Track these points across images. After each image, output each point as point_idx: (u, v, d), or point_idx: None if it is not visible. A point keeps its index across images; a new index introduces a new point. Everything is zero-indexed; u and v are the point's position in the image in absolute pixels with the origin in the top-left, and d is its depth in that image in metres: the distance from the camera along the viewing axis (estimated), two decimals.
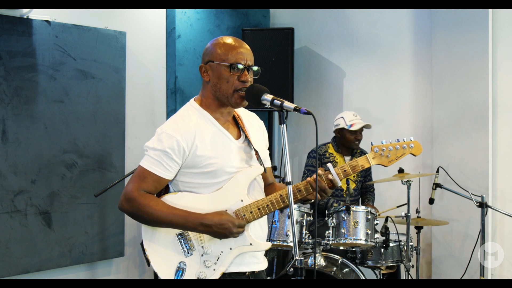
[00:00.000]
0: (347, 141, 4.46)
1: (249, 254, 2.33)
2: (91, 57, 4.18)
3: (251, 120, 2.48)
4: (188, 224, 2.24)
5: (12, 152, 3.82)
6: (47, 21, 3.96)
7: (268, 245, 2.35)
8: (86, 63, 4.16)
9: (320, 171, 2.30)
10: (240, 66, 2.27)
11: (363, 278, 3.85)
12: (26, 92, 3.87)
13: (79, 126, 4.14)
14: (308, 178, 2.31)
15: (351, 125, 4.42)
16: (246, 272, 2.34)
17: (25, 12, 3.85)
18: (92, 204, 4.20)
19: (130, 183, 2.28)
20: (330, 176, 2.31)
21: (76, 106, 4.12)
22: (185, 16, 4.90)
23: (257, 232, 2.35)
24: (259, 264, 2.39)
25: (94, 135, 4.22)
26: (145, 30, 4.65)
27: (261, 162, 2.39)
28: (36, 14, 3.90)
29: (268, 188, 2.50)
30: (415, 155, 2.42)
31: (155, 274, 2.31)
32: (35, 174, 3.93)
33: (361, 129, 4.46)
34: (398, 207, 4.50)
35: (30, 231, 3.90)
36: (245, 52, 2.32)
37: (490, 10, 4.43)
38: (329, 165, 2.32)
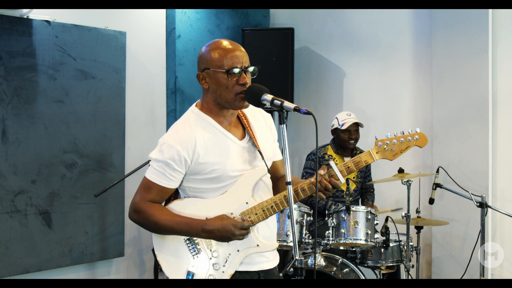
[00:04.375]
0: (341, 141, 4.46)
1: (258, 254, 2.35)
2: (91, 57, 4.18)
3: (256, 116, 2.46)
4: (191, 230, 2.28)
5: (12, 152, 3.82)
6: (47, 21, 3.96)
7: (275, 245, 2.37)
8: (86, 63, 4.16)
9: (322, 171, 2.29)
10: (237, 70, 2.24)
11: (363, 278, 3.85)
12: (26, 92, 3.87)
13: (79, 126, 4.14)
14: (311, 179, 2.30)
15: (342, 124, 4.43)
16: (255, 271, 2.36)
17: (25, 12, 3.85)
18: (92, 204, 4.20)
19: (136, 194, 2.32)
20: (332, 173, 2.30)
21: (76, 106, 4.12)
22: (185, 16, 4.90)
23: (265, 233, 2.37)
24: (269, 262, 2.41)
25: (94, 135, 4.22)
26: (145, 30, 4.65)
27: (266, 163, 2.38)
28: (36, 14, 3.90)
29: (280, 181, 2.49)
30: (420, 147, 2.35)
31: (155, 274, 2.33)
32: (35, 174, 3.93)
33: (354, 128, 4.45)
34: (392, 211, 4.48)
35: (30, 231, 3.90)
36: (240, 55, 2.27)
37: (490, 10, 4.43)
38: (332, 162, 2.31)
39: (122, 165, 4.36)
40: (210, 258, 2.31)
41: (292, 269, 2.16)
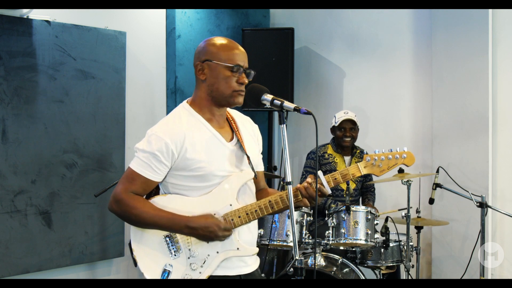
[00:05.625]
0: (338, 139, 4.47)
1: (237, 258, 2.32)
2: (91, 57, 4.18)
3: (245, 124, 2.47)
4: (174, 226, 2.25)
5: (12, 152, 3.82)
6: (47, 21, 3.96)
7: (255, 250, 2.35)
8: (86, 63, 4.16)
9: (310, 179, 2.29)
10: (240, 69, 2.27)
11: (363, 278, 3.85)
12: (26, 92, 3.87)
13: (79, 126, 4.14)
14: (298, 185, 2.31)
15: (337, 122, 4.44)
16: (234, 275, 2.32)
17: (25, 12, 3.85)
18: (92, 204, 4.20)
19: (119, 185, 2.29)
20: (319, 185, 2.30)
21: (76, 106, 4.12)
22: (185, 16, 4.90)
23: (246, 237, 2.35)
24: (247, 267, 2.37)
25: (94, 135, 4.22)
26: (145, 30, 4.65)
27: (252, 167, 2.37)
28: (36, 14, 3.90)
29: (260, 193, 2.49)
30: (407, 166, 2.40)
31: None
32: (35, 174, 3.93)
33: (349, 126, 4.44)
34: (399, 210, 4.49)
35: (30, 231, 3.90)
36: (243, 55, 2.32)
37: (490, 10, 4.43)
38: (319, 172, 2.30)
39: (122, 165, 4.36)
40: (188, 258, 2.28)
41: (292, 269, 2.16)
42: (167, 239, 2.29)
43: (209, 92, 2.31)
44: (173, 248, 2.29)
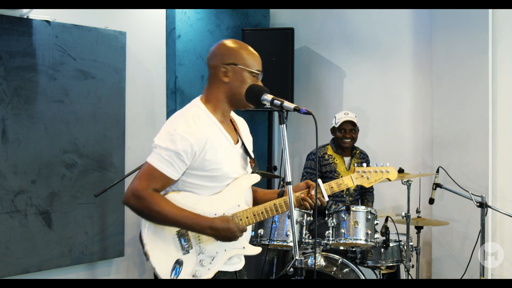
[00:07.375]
0: (338, 140, 4.47)
1: (237, 255, 2.43)
2: (91, 57, 4.18)
3: (241, 124, 2.54)
4: (196, 226, 2.29)
5: (12, 152, 3.82)
6: (47, 21, 3.96)
7: (259, 249, 2.45)
8: (86, 63, 4.16)
9: (312, 191, 2.42)
10: (260, 75, 2.37)
11: (363, 278, 3.85)
12: (26, 92, 3.87)
13: (79, 126, 4.14)
14: (302, 195, 2.43)
15: (337, 123, 4.44)
16: (231, 271, 2.43)
17: (25, 12, 3.85)
18: (92, 204, 4.20)
19: (138, 180, 2.29)
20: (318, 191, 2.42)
21: (76, 106, 4.12)
22: (185, 16, 4.90)
23: (248, 236, 2.45)
24: (240, 263, 2.49)
25: (94, 135, 4.22)
26: (145, 30, 4.65)
27: (257, 170, 2.46)
28: (36, 14, 3.90)
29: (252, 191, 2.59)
30: (390, 180, 2.67)
31: (155, 274, 2.33)
32: (35, 174, 3.93)
33: (349, 128, 4.44)
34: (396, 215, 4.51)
35: (30, 231, 3.90)
36: (259, 59, 2.40)
37: (490, 10, 4.44)
38: (319, 180, 2.41)
39: (122, 165, 4.36)
40: (198, 254, 2.33)
41: (292, 269, 2.17)
42: (179, 235, 2.34)
43: (229, 94, 2.35)
44: (184, 244, 2.33)
